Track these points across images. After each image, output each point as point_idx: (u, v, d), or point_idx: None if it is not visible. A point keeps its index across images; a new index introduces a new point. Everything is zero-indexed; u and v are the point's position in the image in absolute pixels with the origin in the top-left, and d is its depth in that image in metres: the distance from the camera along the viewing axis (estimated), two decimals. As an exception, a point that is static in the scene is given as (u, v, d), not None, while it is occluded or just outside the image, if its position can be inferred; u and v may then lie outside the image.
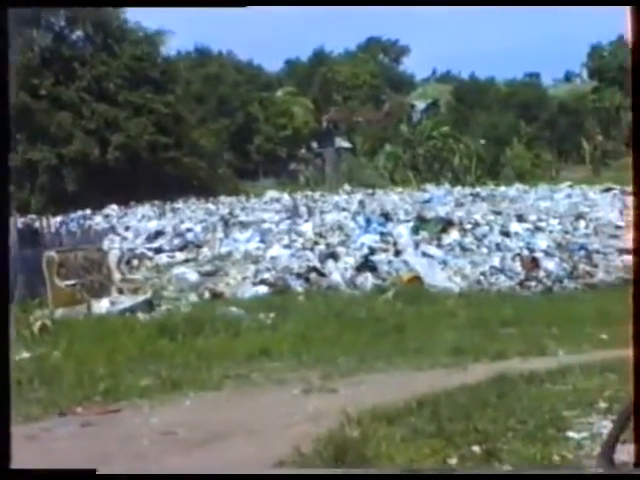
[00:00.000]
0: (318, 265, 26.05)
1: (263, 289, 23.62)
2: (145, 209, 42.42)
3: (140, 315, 19.40)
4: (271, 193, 47.99)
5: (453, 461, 8.12)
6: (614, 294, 23.08)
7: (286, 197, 45.09)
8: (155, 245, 31.20)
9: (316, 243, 29.55)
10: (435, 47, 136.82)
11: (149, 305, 20.58)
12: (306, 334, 16.65)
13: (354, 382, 12.52)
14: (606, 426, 8.74)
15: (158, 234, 33.34)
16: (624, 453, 7.31)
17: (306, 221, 34.63)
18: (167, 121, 54.21)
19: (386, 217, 34.47)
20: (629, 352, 14.60)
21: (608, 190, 45.04)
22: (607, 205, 40.30)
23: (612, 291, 23.97)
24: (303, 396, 11.67)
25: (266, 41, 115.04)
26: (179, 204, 44.44)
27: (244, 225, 34.36)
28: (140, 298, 20.72)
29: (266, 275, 25.03)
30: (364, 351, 15.11)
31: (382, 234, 30.53)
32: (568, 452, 8.42)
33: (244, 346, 15.59)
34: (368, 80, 75.16)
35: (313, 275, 25.04)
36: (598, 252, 29.64)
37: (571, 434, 9.16)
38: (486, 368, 13.18)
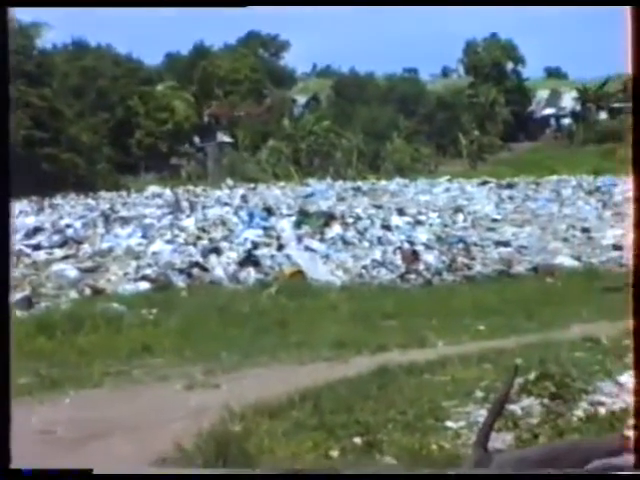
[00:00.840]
0: (201, 260, 25.93)
1: (145, 285, 23.39)
2: (22, 205, 41.56)
3: (18, 313, 19.02)
4: (152, 188, 47.54)
5: (335, 453, 8.21)
6: (491, 286, 23.64)
7: (168, 192, 44.74)
8: (33, 242, 30.59)
9: (199, 238, 29.41)
10: (315, 42, 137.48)
11: (27, 302, 20.20)
12: (188, 330, 16.57)
13: (237, 377, 12.52)
14: (483, 415, 8.94)
15: (36, 230, 32.69)
16: (498, 441, 7.52)
17: (188, 216, 34.43)
18: (43, 115, 53.15)
19: (269, 212, 34.54)
20: (505, 343, 15.00)
21: (485, 183, 46.01)
22: (484, 198, 41.17)
23: (489, 283, 24.51)
24: (185, 392, 11.63)
25: (145, 35, 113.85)
26: (58, 200, 43.66)
27: (125, 220, 33.97)
28: (18, 295, 20.31)
29: (148, 271, 24.81)
30: (247, 346, 15.12)
31: (265, 229, 30.58)
32: (446, 442, 8.60)
33: (125, 342, 15.43)
34: (249, 75, 75.04)
35: (195, 270, 24.92)
36: (476, 245, 30.25)
37: (449, 424, 9.35)
38: (367, 360, 13.34)
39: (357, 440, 8.59)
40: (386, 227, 32.31)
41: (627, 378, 11.24)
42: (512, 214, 37.49)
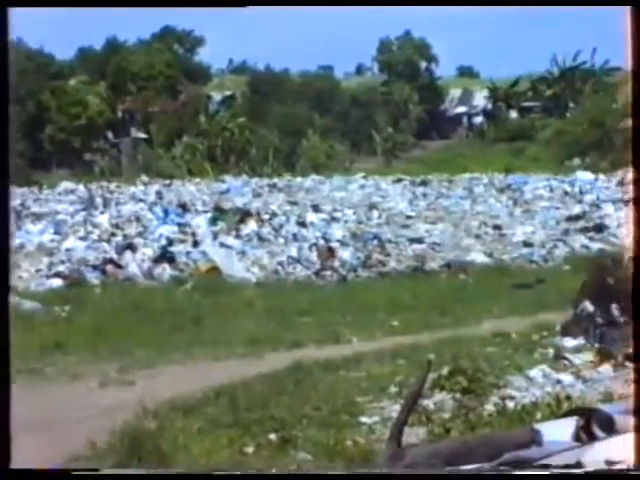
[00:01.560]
0: (115, 257, 25.69)
1: (58, 282, 23.10)
2: None
3: None
4: (65, 184, 46.85)
5: (250, 450, 8.23)
6: (405, 282, 23.86)
7: (81, 188, 44.14)
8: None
9: (113, 234, 29.13)
10: (231, 38, 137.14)
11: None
12: (102, 327, 16.42)
13: (151, 374, 12.46)
14: (397, 410, 9.06)
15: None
16: (412, 436, 7.62)
17: (102, 212, 34.06)
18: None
19: (184, 208, 34.35)
20: (419, 338, 15.17)
21: (399, 181, 46.36)
22: (398, 195, 41.50)
23: (403, 279, 24.74)
24: (99, 389, 11.55)
25: (57, 29, 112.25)
26: (-33, 195, 42.78)
27: (37, 217, 33.47)
28: None
29: (61, 267, 24.51)
30: (162, 343, 15.05)
31: (180, 225, 30.41)
32: (360, 437, 8.69)
33: (38, 340, 15.22)
34: (163, 70, 74.41)
35: (110, 267, 24.68)
36: (390, 241, 30.48)
37: (364, 419, 9.45)
38: (283, 357, 13.39)
39: (272, 436, 8.63)
40: (301, 224, 32.38)
41: (536, 372, 11.49)
42: (426, 211, 37.85)
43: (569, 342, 13.65)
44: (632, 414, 5.70)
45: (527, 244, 30.34)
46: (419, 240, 31.01)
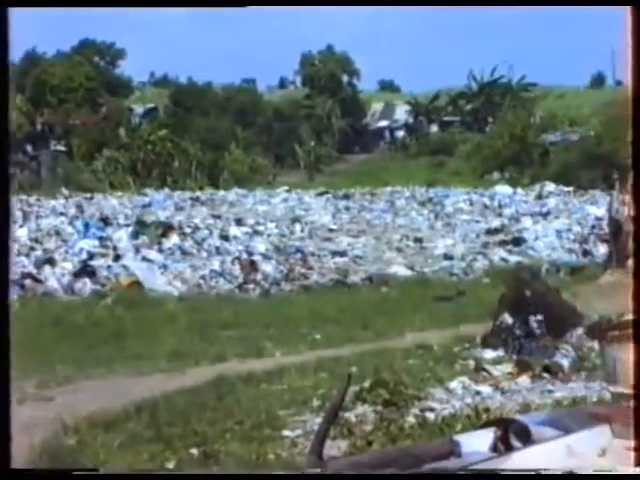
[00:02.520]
0: (34, 271, 25.34)
1: (-25, 297, 22.68)
2: None
3: None
4: (-17, 197, 46.03)
5: (171, 465, 8.19)
6: (328, 295, 23.93)
7: (-1, 201, 43.41)
8: None
9: (32, 249, 28.73)
10: (152, 51, 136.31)
11: None
12: (21, 342, 16.15)
13: (71, 390, 12.32)
14: (319, 423, 9.10)
15: None
16: (334, 448, 7.65)
17: (21, 226, 33.55)
18: None
19: (105, 222, 34.04)
20: (341, 351, 15.22)
21: (322, 194, 46.53)
22: (321, 209, 41.65)
23: (326, 292, 24.81)
24: (17, 406, 11.35)
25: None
26: None
27: (-46, 231, 32.84)
28: None
29: (-22, 283, 24.08)
30: (83, 358, 14.89)
31: (101, 239, 30.11)
32: (283, 450, 8.70)
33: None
34: (84, 83, 73.70)
35: (28, 281, 24.34)
36: (313, 255, 30.56)
37: (286, 432, 9.46)
38: (205, 371, 13.34)
39: (194, 451, 8.60)
40: (224, 237, 32.31)
41: (456, 384, 11.62)
42: (348, 224, 38.03)
43: (489, 354, 13.83)
44: (549, 424, 5.81)
45: (448, 257, 30.66)
46: (342, 253, 31.15)
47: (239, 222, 35.90)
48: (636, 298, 2.99)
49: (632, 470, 3.61)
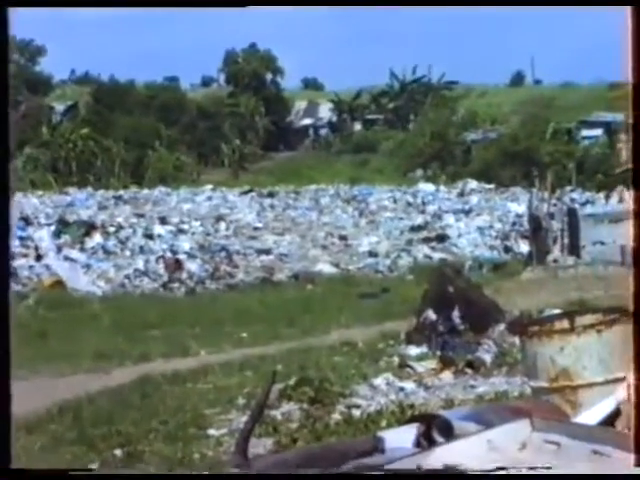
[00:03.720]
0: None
1: None
2: None
3: None
4: None
5: (94, 466, 8.13)
6: (253, 294, 23.93)
7: None
8: None
9: (-50, 249, 28.22)
10: (73, 48, 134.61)
11: None
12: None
13: (-8, 392, 12.12)
14: (244, 422, 9.11)
15: None
16: (259, 446, 7.67)
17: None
18: None
19: (26, 221, 33.56)
20: (267, 349, 15.22)
21: (247, 192, 46.46)
22: (246, 207, 41.58)
23: (251, 291, 24.80)
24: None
25: None
26: None
27: None
28: None
29: None
30: (4, 360, 14.65)
31: (22, 239, 29.69)
32: (208, 449, 8.69)
33: None
34: (4, 80, 72.50)
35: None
36: (238, 253, 30.52)
37: (211, 431, 9.45)
38: (130, 371, 13.25)
39: (118, 452, 8.54)
40: (148, 236, 32.10)
41: (381, 381, 11.71)
42: (273, 222, 38.04)
43: (413, 350, 13.96)
44: (471, 419, 5.90)
45: (372, 254, 30.86)
46: (267, 251, 31.17)
47: (163, 221, 35.68)
48: (636, 289, 3.05)
49: (632, 470, 3.69)
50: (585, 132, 57.73)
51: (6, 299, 4.32)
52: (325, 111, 74.62)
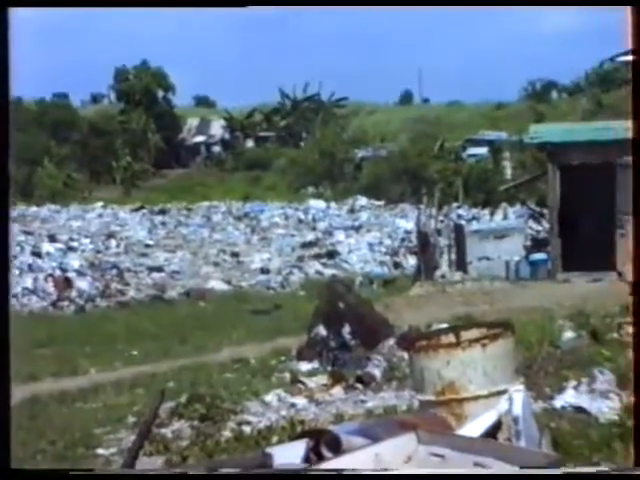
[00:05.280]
0: None
1: None
2: None
3: None
4: None
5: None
6: (145, 311, 23.78)
7: None
8: None
9: None
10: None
11: None
12: None
13: None
14: (132, 440, 9.08)
15: None
16: (149, 465, 7.65)
17: None
18: None
19: None
20: (158, 367, 15.14)
21: (138, 209, 46.09)
22: (137, 224, 41.26)
23: (143, 308, 24.64)
24: None
25: None
26: None
27: None
28: None
29: None
30: None
31: None
32: (97, 469, 8.62)
33: None
34: None
35: None
36: (129, 270, 30.27)
37: (100, 451, 9.38)
38: (18, 391, 13.03)
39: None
40: (37, 254, 31.59)
41: (272, 397, 11.78)
42: (165, 239, 37.83)
43: (304, 366, 14.05)
44: (359, 434, 6.02)
45: (264, 271, 30.95)
46: (158, 269, 30.98)
47: (52, 238, 35.16)
48: (635, 298, 3.13)
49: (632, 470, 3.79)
50: (471, 150, 58.92)
51: (6, 303, 4.31)
52: (217, 128, 74.51)
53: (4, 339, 4.28)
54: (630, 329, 13.83)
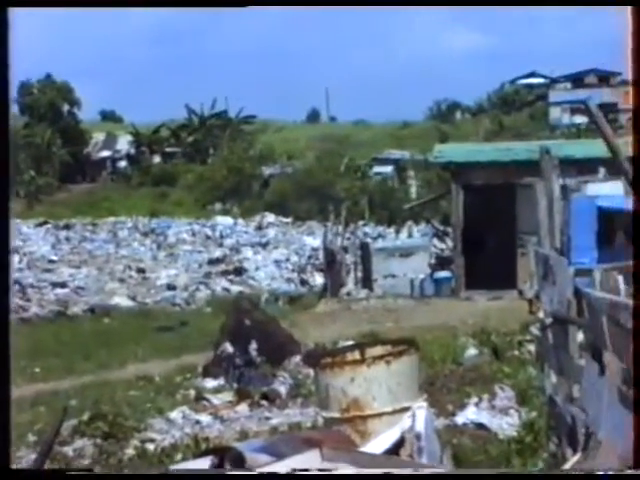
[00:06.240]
0: None
1: None
2: None
3: None
4: None
5: None
6: (48, 327, 23.41)
7: None
8: None
9: None
10: None
11: None
12: None
13: None
14: (33, 459, 8.95)
15: None
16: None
17: None
18: None
19: None
20: (61, 384, 14.90)
21: (41, 225, 45.42)
22: (40, 239, 40.66)
23: (46, 324, 24.26)
24: None
25: None
26: None
27: None
28: None
29: None
30: None
31: None
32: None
33: None
34: None
35: None
36: (32, 286, 29.79)
37: (1, 470, 9.20)
38: None
39: None
40: None
41: (176, 414, 11.72)
42: (69, 255, 37.34)
43: (209, 383, 14.01)
44: (264, 451, 6.04)
45: (170, 287, 30.75)
46: (62, 284, 30.56)
47: (-48, 253, 34.42)
48: (636, 304, 3.17)
49: (632, 470, 3.82)
50: (377, 168, 59.51)
51: (6, 303, 4.21)
52: (124, 143, 73.87)
53: (4, 339, 4.22)
54: (530, 347, 14.14)
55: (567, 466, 5.61)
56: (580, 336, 6.05)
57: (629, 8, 3.72)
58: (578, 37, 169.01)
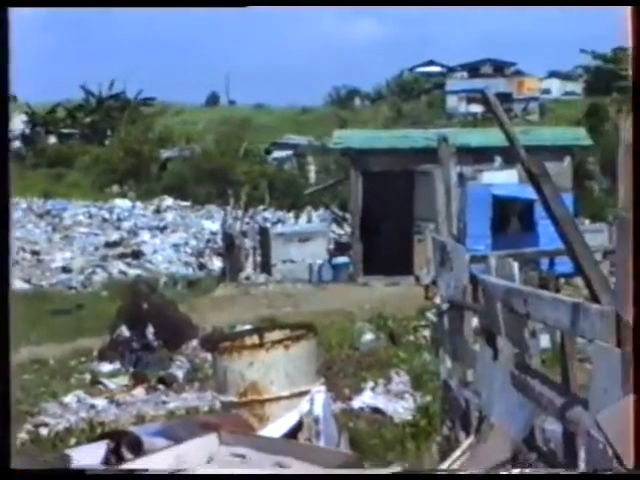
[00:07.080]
0: None
1: None
2: None
3: None
4: None
5: None
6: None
7: None
8: None
9: None
10: None
11: None
12: None
13: None
14: None
15: None
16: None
17: None
18: None
19: None
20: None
21: None
22: None
23: None
24: None
25: None
26: None
27: None
28: None
29: None
30: None
31: None
32: None
33: None
34: None
35: None
36: None
37: None
38: None
39: None
40: None
41: (71, 398, 11.59)
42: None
43: (105, 367, 13.89)
44: (161, 435, 6.02)
45: (66, 270, 30.31)
46: None
47: None
48: (636, 300, 3.17)
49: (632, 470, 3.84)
50: (276, 153, 59.52)
51: (6, 295, 4.05)
52: (18, 123, 72.29)
53: (4, 339, 4.10)
54: (425, 332, 14.35)
55: (459, 449, 5.73)
56: (475, 322, 6.16)
57: (629, 8, 3.75)
58: (474, 29, 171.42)
